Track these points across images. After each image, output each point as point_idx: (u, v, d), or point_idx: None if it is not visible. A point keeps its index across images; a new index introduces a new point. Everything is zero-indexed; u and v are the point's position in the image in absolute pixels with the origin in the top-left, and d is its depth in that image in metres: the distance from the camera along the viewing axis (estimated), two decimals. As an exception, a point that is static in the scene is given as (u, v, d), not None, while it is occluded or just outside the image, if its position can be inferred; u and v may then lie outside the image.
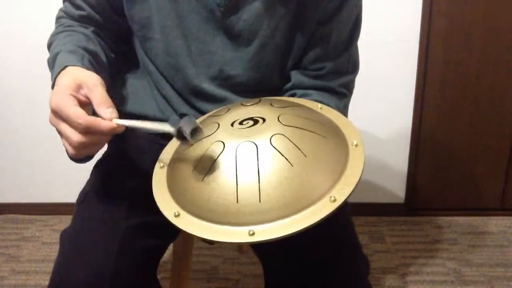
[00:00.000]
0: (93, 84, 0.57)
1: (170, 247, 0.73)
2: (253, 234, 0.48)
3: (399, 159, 1.76)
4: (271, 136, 0.52)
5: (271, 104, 0.58)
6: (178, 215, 0.53)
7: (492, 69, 1.61)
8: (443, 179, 1.77)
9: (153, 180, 0.59)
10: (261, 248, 0.73)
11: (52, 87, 0.61)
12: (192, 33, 0.72)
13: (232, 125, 0.55)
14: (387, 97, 1.67)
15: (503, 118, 1.67)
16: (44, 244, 1.69)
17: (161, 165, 0.61)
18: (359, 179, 0.51)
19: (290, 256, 0.66)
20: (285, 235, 0.47)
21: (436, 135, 1.71)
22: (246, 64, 0.73)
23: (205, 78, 0.74)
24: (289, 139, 0.52)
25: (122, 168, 0.74)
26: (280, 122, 0.54)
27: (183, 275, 1.08)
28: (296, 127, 0.54)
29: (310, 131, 0.54)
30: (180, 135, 0.52)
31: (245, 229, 0.49)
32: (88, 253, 0.62)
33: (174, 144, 0.63)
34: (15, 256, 1.61)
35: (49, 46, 0.71)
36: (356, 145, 0.55)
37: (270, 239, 0.47)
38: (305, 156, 0.51)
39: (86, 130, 0.53)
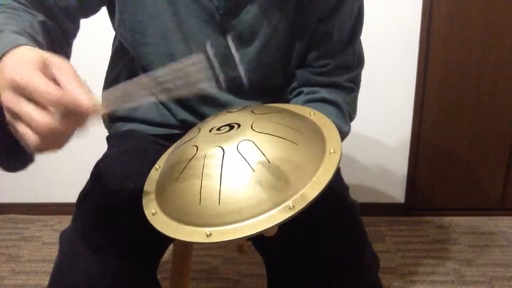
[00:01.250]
0: (64, 64, 0.44)
1: (170, 247, 0.73)
2: (210, 235, 0.51)
3: (399, 159, 1.76)
4: (239, 142, 0.54)
5: (252, 111, 0.60)
6: (155, 213, 0.57)
7: (492, 69, 1.61)
8: (443, 179, 1.77)
9: (147, 180, 0.64)
10: (265, 248, 0.73)
11: None
12: (192, 37, 0.71)
13: (210, 131, 0.58)
14: (387, 97, 1.67)
15: (503, 119, 1.67)
16: (44, 244, 1.69)
17: (157, 166, 0.66)
18: (323, 189, 0.51)
19: (296, 255, 0.65)
20: (238, 238, 0.50)
21: (436, 135, 1.71)
22: (248, 65, 0.73)
23: None
24: (256, 145, 0.53)
25: (122, 168, 0.73)
26: (253, 129, 0.55)
27: (183, 275, 1.08)
28: (267, 134, 0.55)
29: (281, 138, 0.55)
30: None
31: (203, 229, 0.52)
32: (88, 253, 0.62)
33: (171, 150, 0.67)
34: (15, 256, 1.61)
35: None
36: (333, 152, 0.55)
37: (224, 241, 0.50)
38: (269, 162, 0.52)
39: (59, 105, 0.41)
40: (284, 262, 0.67)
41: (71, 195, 0.70)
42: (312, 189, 0.51)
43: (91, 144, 1.15)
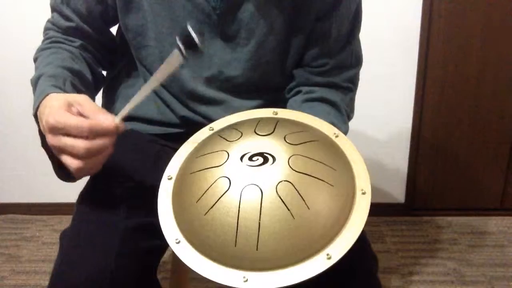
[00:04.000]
0: (83, 99, 0.57)
1: (170, 247, 0.73)
2: (247, 280, 0.49)
3: (399, 159, 1.76)
4: (278, 183, 0.51)
5: (285, 139, 0.56)
6: (179, 242, 0.53)
7: (492, 69, 1.61)
8: (443, 179, 1.77)
9: (159, 192, 0.58)
10: None
11: (35, 112, 0.61)
12: None
13: (241, 159, 0.54)
14: (387, 97, 1.67)
15: (503, 118, 1.67)
16: (44, 244, 1.69)
17: (169, 176, 0.60)
18: (359, 235, 0.50)
19: None
20: (276, 287, 0.48)
21: (436, 135, 1.71)
22: (245, 64, 0.73)
23: (201, 82, 0.74)
24: (295, 188, 0.51)
25: (122, 168, 0.73)
26: (290, 166, 0.53)
27: (183, 275, 1.08)
28: (304, 174, 0.52)
29: (319, 179, 0.52)
30: (188, 45, 0.53)
31: (240, 274, 0.50)
32: (88, 253, 0.62)
33: (181, 155, 0.62)
34: (15, 256, 1.61)
35: (35, 60, 0.72)
36: (364, 193, 0.54)
37: None
38: (309, 208, 0.50)
39: (91, 132, 0.53)
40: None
41: (71, 195, 0.70)
42: (347, 236, 0.50)
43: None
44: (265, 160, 0.53)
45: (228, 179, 0.52)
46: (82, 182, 0.76)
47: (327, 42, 0.73)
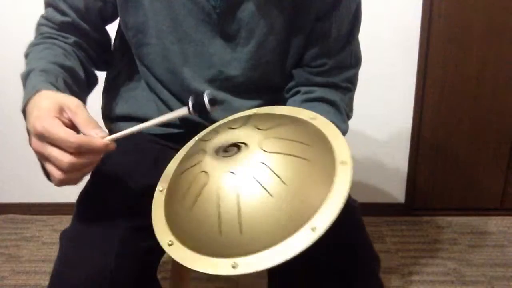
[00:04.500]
0: (75, 106, 0.54)
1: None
2: (236, 266, 0.49)
3: (399, 159, 1.76)
4: (252, 166, 0.52)
5: (256, 127, 0.58)
6: (172, 244, 0.55)
7: (492, 69, 1.61)
8: (443, 179, 1.77)
9: (152, 205, 0.60)
10: None
11: (23, 108, 0.58)
12: (189, 36, 0.71)
13: (217, 152, 0.56)
14: (387, 97, 1.67)
15: (503, 118, 1.67)
16: (44, 244, 1.69)
17: (160, 188, 0.62)
18: (343, 204, 0.50)
19: (297, 256, 0.65)
20: (266, 267, 0.48)
21: (436, 135, 1.71)
22: (245, 64, 0.73)
23: (203, 81, 0.74)
24: (269, 168, 0.52)
25: (122, 168, 0.73)
26: (262, 149, 0.54)
27: (183, 275, 1.08)
28: (278, 153, 0.53)
29: (293, 155, 0.53)
30: (198, 108, 0.54)
31: (229, 261, 0.50)
32: (88, 253, 0.62)
33: (171, 167, 0.64)
34: (15, 256, 1.61)
35: (26, 56, 0.69)
36: (344, 163, 0.54)
37: (252, 272, 0.48)
38: (286, 185, 0.51)
39: (78, 149, 0.51)
40: (284, 264, 0.67)
41: (71, 195, 0.70)
42: (330, 206, 0.50)
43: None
44: (239, 149, 0.55)
45: (206, 172, 0.54)
46: (82, 182, 0.76)
47: (327, 42, 0.73)
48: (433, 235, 1.67)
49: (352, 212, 0.69)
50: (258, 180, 0.51)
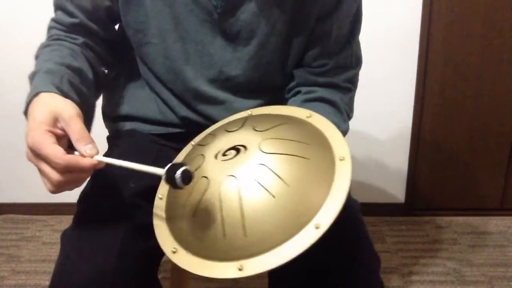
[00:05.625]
0: (69, 117, 0.54)
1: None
2: (242, 269, 0.49)
3: (399, 159, 1.76)
4: (252, 168, 0.52)
5: (253, 128, 0.58)
6: (176, 251, 0.55)
7: (492, 69, 1.61)
8: (443, 179, 1.77)
9: (153, 212, 0.61)
10: None
11: (25, 111, 0.58)
12: (190, 36, 0.71)
13: (216, 157, 0.56)
14: (387, 97, 1.67)
15: (503, 118, 1.67)
16: (44, 244, 1.69)
17: (160, 196, 0.62)
18: (345, 200, 0.50)
19: (297, 256, 0.65)
20: (271, 268, 0.48)
21: (436, 135, 1.71)
22: (246, 64, 0.73)
23: (204, 80, 0.74)
24: (270, 169, 0.52)
25: (122, 168, 0.74)
26: (261, 150, 0.54)
27: (183, 275, 1.08)
28: (277, 154, 0.53)
29: (293, 155, 0.53)
30: (170, 180, 0.51)
31: (234, 264, 0.50)
32: (89, 253, 0.62)
33: None
34: (15, 256, 1.61)
35: (36, 58, 0.70)
36: (342, 159, 0.54)
37: (258, 273, 0.48)
38: (288, 185, 0.51)
39: (65, 169, 0.51)
40: (285, 264, 0.67)
41: (71, 195, 0.70)
42: (333, 203, 0.50)
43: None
44: (238, 152, 0.55)
45: (206, 177, 0.54)
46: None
47: (328, 42, 0.73)
48: (433, 235, 1.67)
49: (352, 212, 0.69)
50: (260, 182, 0.51)
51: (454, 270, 1.47)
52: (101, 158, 0.54)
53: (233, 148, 0.56)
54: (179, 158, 0.65)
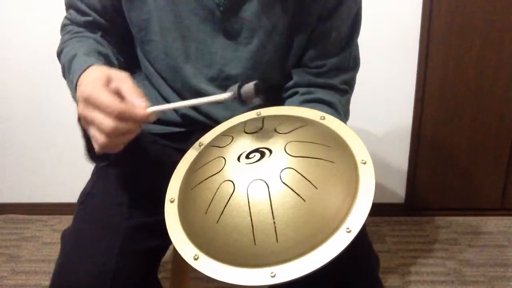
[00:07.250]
0: (122, 77, 0.57)
1: (171, 247, 0.73)
2: (275, 275, 0.48)
3: (399, 159, 1.76)
4: (281, 172, 0.51)
5: (275, 130, 0.56)
6: (197, 258, 0.53)
7: (492, 69, 1.61)
8: (443, 179, 1.77)
9: (165, 217, 0.58)
10: None
11: (74, 87, 0.61)
12: (192, 34, 0.72)
13: (238, 159, 0.54)
14: (387, 97, 1.67)
15: (503, 119, 1.67)
16: (44, 244, 1.69)
17: (171, 199, 0.59)
18: (371, 203, 0.50)
19: None
20: (305, 274, 0.47)
21: (436, 135, 1.71)
22: (246, 63, 0.73)
23: (204, 79, 0.74)
24: (298, 172, 0.51)
25: (123, 168, 0.74)
26: (287, 153, 0.53)
27: (183, 275, 1.08)
28: (303, 157, 0.52)
29: (319, 159, 0.52)
30: (244, 93, 0.53)
31: (266, 270, 0.49)
32: (89, 253, 0.62)
33: (178, 175, 0.61)
34: (15, 256, 1.61)
35: (60, 53, 0.71)
36: (364, 163, 0.54)
37: (292, 279, 0.47)
38: (316, 188, 0.50)
39: (120, 115, 0.53)
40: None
41: (71, 195, 0.70)
42: (361, 206, 0.50)
43: (91, 144, 1.15)
44: (262, 155, 0.53)
45: (231, 181, 0.52)
46: (82, 182, 0.76)
47: (326, 43, 0.73)
48: (433, 235, 1.67)
49: None
50: (289, 186, 0.50)
51: (454, 270, 1.47)
52: (154, 108, 0.56)
53: (257, 150, 0.54)
54: (187, 158, 0.63)
